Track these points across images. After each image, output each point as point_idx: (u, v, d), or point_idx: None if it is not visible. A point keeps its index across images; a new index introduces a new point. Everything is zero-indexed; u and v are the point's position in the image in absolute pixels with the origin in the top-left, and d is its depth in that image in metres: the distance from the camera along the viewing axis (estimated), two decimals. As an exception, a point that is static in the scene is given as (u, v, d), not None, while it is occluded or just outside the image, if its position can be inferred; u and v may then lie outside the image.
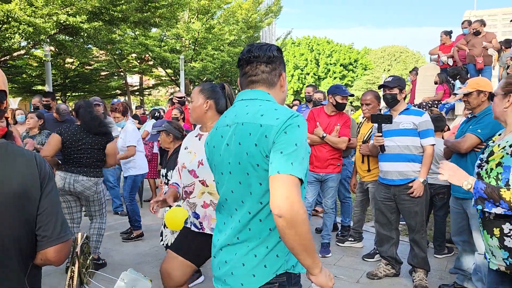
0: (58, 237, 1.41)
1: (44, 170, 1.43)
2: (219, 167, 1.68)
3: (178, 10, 13.70)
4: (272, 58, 1.65)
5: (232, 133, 1.61)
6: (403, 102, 3.88)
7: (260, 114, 1.55)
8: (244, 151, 1.55)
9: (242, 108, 1.64)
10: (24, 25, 9.13)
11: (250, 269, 1.56)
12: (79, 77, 20.42)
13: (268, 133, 1.49)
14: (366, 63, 48.49)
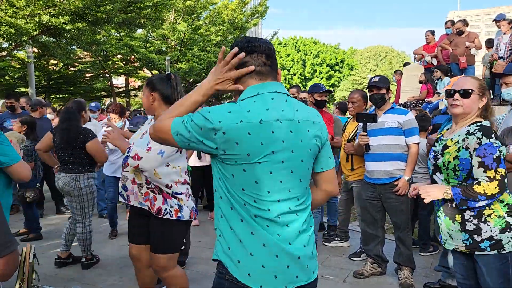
0: (4, 248, 1.31)
1: None
2: (267, 166, 1.54)
3: (163, 10, 13.63)
4: (272, 50, 1.65)
5: (288, 130, 1.57)
6: (389, 101, 3.90)
7: (307, 111, 1.67)
8: (307, 147, 1.64)
9: (283, 103, 1.59)
10: (5, 26, 8.97)
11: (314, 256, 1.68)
12: (63, 79, 20.12)
13: (321, 129, 1.69)
14: (352, 63, 48.80)
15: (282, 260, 1.55)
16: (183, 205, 2.85)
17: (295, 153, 1.58)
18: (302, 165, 1.61)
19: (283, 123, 1.55)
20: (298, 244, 1.59)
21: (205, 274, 4.09)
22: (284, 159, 1.55)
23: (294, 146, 1.57)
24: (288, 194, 1.59)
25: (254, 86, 1.60)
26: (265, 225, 1.55)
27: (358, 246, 4.72)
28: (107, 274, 4.12)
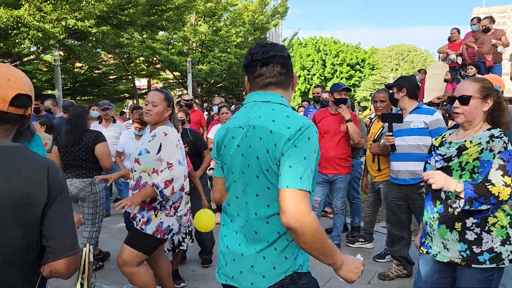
0: (69, 249, 1.39)
1: (57, 180, 1.40)
2: (230, 167, 1.70)
3: (185, 13, 13.79)
4: (287, 58, 1.65)
5: (244, 135, 1.62)
6: (413, 101, 3.84)
7: (272, 120, 1.56)
8: (255, 154, 1.58)
9: (254, 111, 1.64)
10: (33, 31, 9.23)
11: (259, 271, 1.59)
12: (88, 81, 20.60)
13: (278, 141, 1.51)
14: (374, 63, 48.24)
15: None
16: (153, 220, 2.98)
17: (245, 157, 1.62)
18: (249, 170, 1.60)
19: (243, 129, 1.64)
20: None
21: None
22: (238, 162, 1.65)
23: (244, 150, 1.62)
24: (241, 194, 1.66)
25: (248, 94, 1.74)
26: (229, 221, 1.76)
27: (382, 247, 4.67)
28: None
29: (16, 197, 1.32)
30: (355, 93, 45.41)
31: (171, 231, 3.03)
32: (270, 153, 1.53)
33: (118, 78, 22.17)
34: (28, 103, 1.42)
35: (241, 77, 21.32)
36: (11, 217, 1.31)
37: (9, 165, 1.34)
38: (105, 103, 6.51)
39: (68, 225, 1.41)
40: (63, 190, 1.41)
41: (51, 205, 1.37)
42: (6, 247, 1.33)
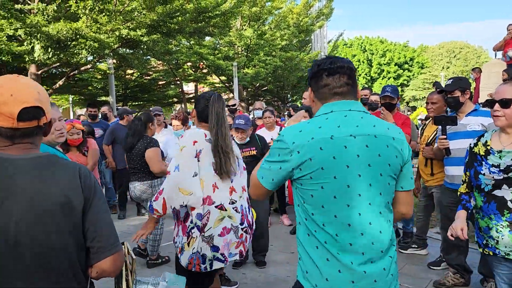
0: (113, 246, 1.42)
1: (89, 181, 1.43)
2: (344, 180, 1.57)
3: (231, 18, 14.01)
4: (353, 70, 1.69)
5: (364, 144, 1.59)
6: (469, 102, 3.72)
7: (387, 127, 1.67)
8: (386, 162, 1.62)
9: (359, 120, 1.62)
10: (90, 41, 9.75)
11: (396, 276, 1.69)
12: (139, 87, 21.41)
13: (402, 146, 1.67)
14: (423, 61, 46.60)
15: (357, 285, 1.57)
16: (186, 250, 2.52)
17: (373, 167, 1.58)
18: (382, 179, 1.61)
19: (357, 138, 1.58)
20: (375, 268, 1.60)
21: (279, 277, 4.16)
22: (361, 173, 1.57)
23: (371, 160, 1.58)
24: (368, 207, 1.60)
25: (328, 104, 1.67)
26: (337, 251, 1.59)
27: (437, 254, 4.53)
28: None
29: (59, 202, 1.35)
30: (403, 92, 44.06)
31: (205, 258, 2.50)
32: (399, 158, 1.66)
33: (167, 84, 22.89)
34: (39, 113, 1.40)
35: (286, 80, 21.34)
36: (60, 222, 1.35)
37: (45, 173, 1.37)
38: (156, 109, 6.76)
39: (108, 223, 1.44)
40: (96, 191, 1.44)
41: (89, 207, 1.40)
42: (62, 251, 1.37)
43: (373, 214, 1.59)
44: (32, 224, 1.32)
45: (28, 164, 1.37)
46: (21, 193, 1.33)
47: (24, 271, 1.34)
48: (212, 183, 2.53)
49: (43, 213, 1.33)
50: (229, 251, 2.56)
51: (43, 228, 1.33)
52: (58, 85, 12.25)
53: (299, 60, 20.17)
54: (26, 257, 1.33)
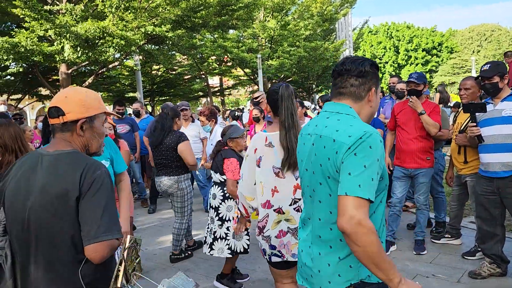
0: (94, 237, 1.55)
1: (90, 175, 1.59)
2: (301, 172, 1.87)
3: (254, 10, 13.96)
4: (363, 72, 1.71)
5: (312, 143, 1.75)
6: (507, 88, 3.59)
7: (336, 129, 1.64)
8: (319, 162, 1.68)
9: (323, 120, 1.75)
10: (117, 39, 9.93)
11: (325, 276, 1.68)
12: (165, 82, 21.69)
13: (339, 149, 1.58)
14: (452, 46, 45.17)
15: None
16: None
17: (312, 164, 1.73)
18: (314, 177, 1.71)
19: (311, 137, 1.76)
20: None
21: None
22: (307, 168, 1.78)
23: (312, 158, 1.74)
24: (308, 199, 1.81)
25: (327, 103, 1.83)
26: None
27: (471, 244, 4.43)
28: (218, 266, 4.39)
29: (58, 193, 1.58)
30: (432, 79, 42.92)
31: (265, 252, 2.69)
32: (331, 161, 1.60)
33: (192, 78, 23.09)
34: (58, 112, 1.70)
35: (310, 71, 21.13)
36: (58, 209, 1.58)
37: (54, 168, 1.63)
38: (183, 104, 6.83)
39: (94, 216, 1.56)
40: (94, 186, 1.59)
41: (82, 199, 1.58)
42: (60, 233, 1.60)
43: (311, 206, 1.78)
44: (38, 211, 1.60)
45: (49, 159, 1.66)
46: (37, 185, 1.62)
47: (32, 253, 1.62)
48: (272, 187, 2.60)
49: (46, 202, 1.59)
50: (291, 252, 2.61)
51: (46, 214, 1.59)
52: (87, 83, 12.55)
53: (324, 50, 19.93)
54: (32, 240, 1.61)
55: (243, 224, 3.11)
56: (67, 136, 1.72)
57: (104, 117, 1.85)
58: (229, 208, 3.77)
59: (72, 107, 1.71)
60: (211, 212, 3.85)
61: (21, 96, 16.34)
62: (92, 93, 1.83)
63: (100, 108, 1.80)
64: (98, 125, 1.80)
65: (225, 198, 3.81)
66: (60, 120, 1.70)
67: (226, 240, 3.75)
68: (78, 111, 1.72)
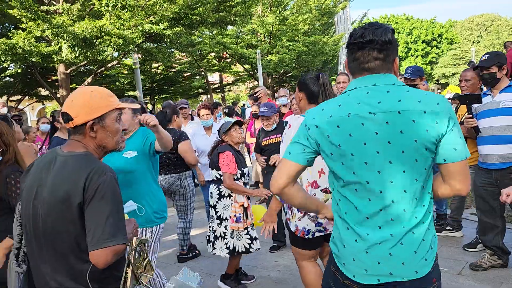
0: (95, 243, 1.55)
1: (95, 182, 1.58)
2: (361, 157, 1.58)
3: (252, 6, 13.91)
4: (387, 43, 1.57)
5: (384, 121, 1.54)
6: (506, 78, 3.57)
7: (417, 100, 1.53)
8: (412, 138, 1.53)
9: (384, 95, 1.57)
10: (115, 38, 9.91)
11: (423, 255, 1.59)
12: (165, 80, 21.67)
13: (437, 118, 1.52)
14: (452, 37, 45.01)
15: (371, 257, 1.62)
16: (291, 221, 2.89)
17: (393, 144, 1.54)
18: (404, 156, 1.54)
19: (377, 115, 1.54)
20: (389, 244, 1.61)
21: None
22: (379, 151, 1.55)
23: (391, 137, 1.54)
24: (391, 185, 1.57)
25: (354, 80, 1.65)
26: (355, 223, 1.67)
27: (472, 236, 4.43)
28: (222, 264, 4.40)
29: (61, 197, 1.60)
30: (432, 71, 42.78)
31: (309, 232, 2.82)
32: (432, 132, 1.52)
33: (192, 75, 23.04)
34: (67, 117, 1.71)
35: (310, 65, 21.07)
36: (63, 212, 1.60)
37: (62, 171, 1.65)
38: (182, 102, 6.81)
39: (99, 222, 1.57)
40: (99, 193, 1.58)
41: (88, 204, 1.58)
42: (65, 236, 1.62)
43: (395, 192, 1.57)
44: (46, 210, 1.64)
45: (61, 160, 1.69)
46: (47, 185, 1.65)
47: (42, 248, 1.66)
48: (319, 169, 2.71)
49: (51, 202, 1.62)
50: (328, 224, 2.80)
51: (52, 214, 1.62)
52: (86, 83, 12.55)
53: (323, 44, 19.85)
54: (41, 236, 1.65)
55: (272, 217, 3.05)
56: (80, 138, 1.74)
57: (116, 113, 1.80)
58: (225, 206, 3.70)
59: (78, 110, 1.71)
60: (211, 210, 3.82)
61: (20, 97, 16.36)
62: (99, 91, 1.78)
63: (108, 106, 1.76)
64: (110, 123, 1.77)
65: (221, 197, 3.72)
66: (70, 125, 1.72)
67: (224, 239, 3.70)
68: (85, 114, 1.71)
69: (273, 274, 4.08)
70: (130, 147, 3.01)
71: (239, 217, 3.63)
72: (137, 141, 3.07)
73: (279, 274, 4.07)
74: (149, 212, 3.02)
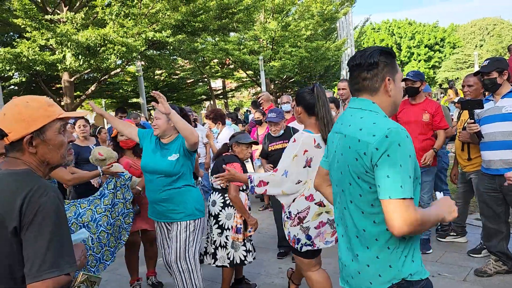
0: (36, 275, 1.34)
1: (34, 203, 1.37)
2: (330, 169, 1.85)
3: (254, 12, 13.97)
4: (373, 64, 1.66)
5: (338, 142, 1.74)
6: (507, 84, 3.58)
7: (359, 128, 1.62)
8: (346, 163, 1.66)
9: (347, 118, 1.73)
10: (118, 46, 9.96)
11: (366, 277, 1.64)
12: (168, 87, 21.72)
13: (366, 149, 1.55)
14: (455, 41, 44.95)
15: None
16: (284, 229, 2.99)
17: (339, 163, 1.71)
18: (343, 178, 1.68)
19: (337, 135, 1.75)
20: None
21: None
22: (335, 166, 1.76)
23: (338, 157, 1.72)
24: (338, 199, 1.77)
25: (350, 100, 1.82)
26: None
27: (477, 241, 4.42)
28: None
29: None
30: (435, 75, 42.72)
31: (299, 241, 2.88)
32: (360, 162, 1.58)
33: (195, 82, 23.09)
34: (1, 132, 1.48)
35: (312, 70, 21.10)
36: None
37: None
38: (186, 109, 6.84)
39: (43, 248, 1.35)
40: (40, 214, 1.37)
41: (26, 230, 1.36)
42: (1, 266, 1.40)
43: (342, 206, 1.74)
44: None
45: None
46: None
47: None
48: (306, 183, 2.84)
49: None
50: (325, 239, 2.89)
51: None
52: (90, 91, 12.61)
53: (325, 49, 19.87)
54: None
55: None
56: (19, 155, 1.52)
57: (59, 124, 1.58)
58: (229, 216, 3.66)
59: (11, 124, 1.49)
60: (211, 220, 3.73)
61: (25, 105, 16.43)
62: (36, 100, 1.57)
63: (49, 116, 1.54)
64: (52, 136, 1.55)
65: (225, 206, 3.67)
66: (5, 141, 1.49)
67: (226, 249, 3.66)
68: (20, 128, 1.49)
69: (277, 281, 4.08)
70: (174, 151, 3.24)
71: (240, 228, 3.61)
72: (178, 144, 3.26)
73: (283, 281, 4.07)
74: (192, 207, 3.27)
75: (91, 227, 3.31)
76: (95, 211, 3.38)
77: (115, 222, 3.47)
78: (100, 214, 3.39)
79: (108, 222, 3.40)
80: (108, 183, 3.53)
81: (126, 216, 3.57)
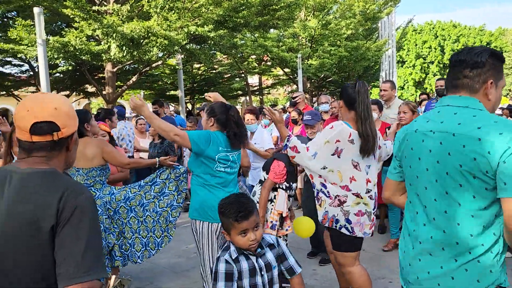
0: (72, 277, 1.29)
1: (73, 202, 1.34)
2: (415, 170, 1.73)
3: (296, 10, 13.88)
4: (479, 63, 1.61)
5: (438, 141, 1.62)
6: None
7: (477, 127, 1.52)
8: (457, 162, 1.55)
9: (450, 116, 1.62)
10: (161, 39, 10.16)
11: (461, 284, 1.58)
12: (205, 81, 22.00)
13: (491, 149, 1.47)
14: (502, 46, 43.08)
15: None
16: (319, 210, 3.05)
17: (440, 164, 1.60)
18: (448, 178, 1.57)
19: (435, 134, 1.63)
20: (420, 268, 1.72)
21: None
22: (428, 168, 1.65)
23: (440, 157, 1.60)
24: (433, 203, 1.64)
25: (445, 97, 1.73)
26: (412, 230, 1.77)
27: None
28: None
29: (26, 221, 1.32)
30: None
31: (338, 222, 2.94)
32: (480, 161, 1.49)
33: (232, 77, 23.28)
34: (53, 128, 1.41)
35: (351, 70, 20.78)
36: (26, 240, 1.33)
37: (26, 190, 1.36)
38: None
39: (79, 251, 1.31)
40: (77, 214, 1.33)
41: (61, 229, 1.32)
42: (27, 269, 1.34)
43: (437, 210, 1.63)
44: (1, 239, 1.34)
45: (20, 178, 1.39)
46: (1, 208, 1.36)
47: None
48: (350, 176, 2.92)
49: (10, 228, 1.34)
50: (363, 230, 2.96)
51: (10, 242, 1.34)
52: (131, 82, 12.93)
53: (366, 49, 19.51)
54: None
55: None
56: (45, 153, 1.44)
57: None
58: (266, 210, 3.70)
59: (65, 120, 1.45)
60: None
61: (68, 92, 17.06)
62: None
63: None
64: (76, 136, 1.55)
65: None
66: (54, 137, 1.42)
67: None
68: (72, 125, 1.48)
69: (310, 283, 4.04)
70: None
71: (274, 225, 3.62)
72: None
73: (317, 283, 4.03)
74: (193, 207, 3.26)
75: (137, 211, 3.43)
76: (144, 196, 3.49)
77: (162, 212, 3.54)
78: (148, 200, 3.50)
79: (154, 209, 3.49)
80: (162, 172, 3.61)
81: (174, 209, 3.62)
